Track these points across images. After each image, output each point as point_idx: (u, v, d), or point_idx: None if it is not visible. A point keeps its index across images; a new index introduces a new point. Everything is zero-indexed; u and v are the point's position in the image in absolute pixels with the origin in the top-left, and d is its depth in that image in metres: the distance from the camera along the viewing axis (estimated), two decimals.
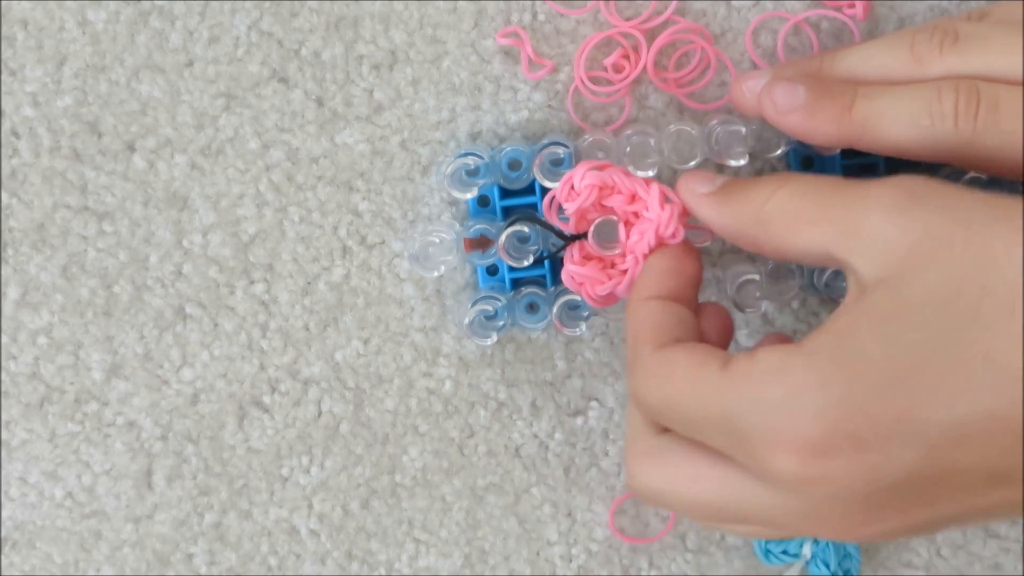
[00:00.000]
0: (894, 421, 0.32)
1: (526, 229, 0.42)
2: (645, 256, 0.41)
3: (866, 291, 0.34)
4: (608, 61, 0.45)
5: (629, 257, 0.41)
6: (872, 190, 0.35)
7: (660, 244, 0.41)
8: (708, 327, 0.40)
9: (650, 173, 0.43)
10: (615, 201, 0.41)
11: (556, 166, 0.43)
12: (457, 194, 0.44)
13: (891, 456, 0.33)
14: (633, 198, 0.40)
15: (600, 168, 0.41)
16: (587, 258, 0.42)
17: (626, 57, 0.45)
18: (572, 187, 0.41)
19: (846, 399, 0.33)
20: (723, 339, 0.40)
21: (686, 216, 0.41)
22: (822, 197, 0.36)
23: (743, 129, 0.43)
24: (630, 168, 0.43)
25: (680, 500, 0.38)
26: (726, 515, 0.37)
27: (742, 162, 0.43)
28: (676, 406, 0.36)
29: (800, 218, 0.36)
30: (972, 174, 0.43)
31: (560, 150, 0.43)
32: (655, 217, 0.40)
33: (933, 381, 0.32)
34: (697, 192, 0.40)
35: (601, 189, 0.41)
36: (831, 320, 0.35)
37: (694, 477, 0.37)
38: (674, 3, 0.45)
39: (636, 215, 0.41)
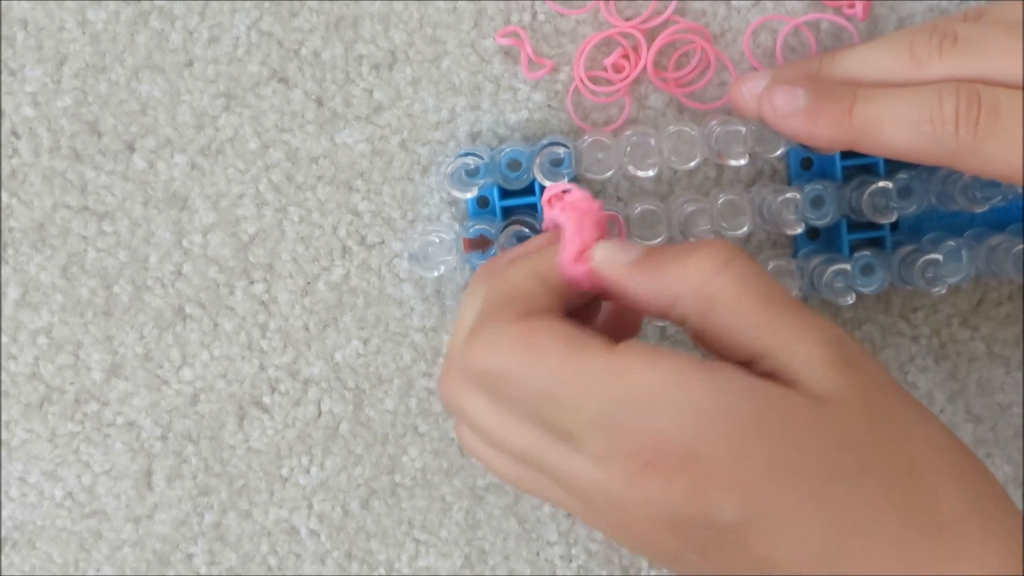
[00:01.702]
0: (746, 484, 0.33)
1: (525, 229, 0.42)
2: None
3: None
4: (608, 61, 0.45)
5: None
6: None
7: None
8: (618, 322, 0.40)
9: (650, 173, 0.43)
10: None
11: (556, 166, 0.43)
12: (457, 194, 0.44)
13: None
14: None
15: (562, 197, 0.39)
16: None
17: (626, 57, 0.45)
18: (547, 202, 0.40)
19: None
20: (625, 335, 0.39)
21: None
22: None
23: (743, 129, 0.43)
24: (630, 168, 0.43)
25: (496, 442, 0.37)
26: (538, 471, 0.36)
27: (742, 162, 0.43)
28: (527, 381, 0.35)
29: None
30: (970, 177, 0.43)
31: (560, 150, 0.43)
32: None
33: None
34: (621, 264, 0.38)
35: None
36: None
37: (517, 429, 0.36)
38: (674, 3, 0.45)
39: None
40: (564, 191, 0.38)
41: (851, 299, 0.44)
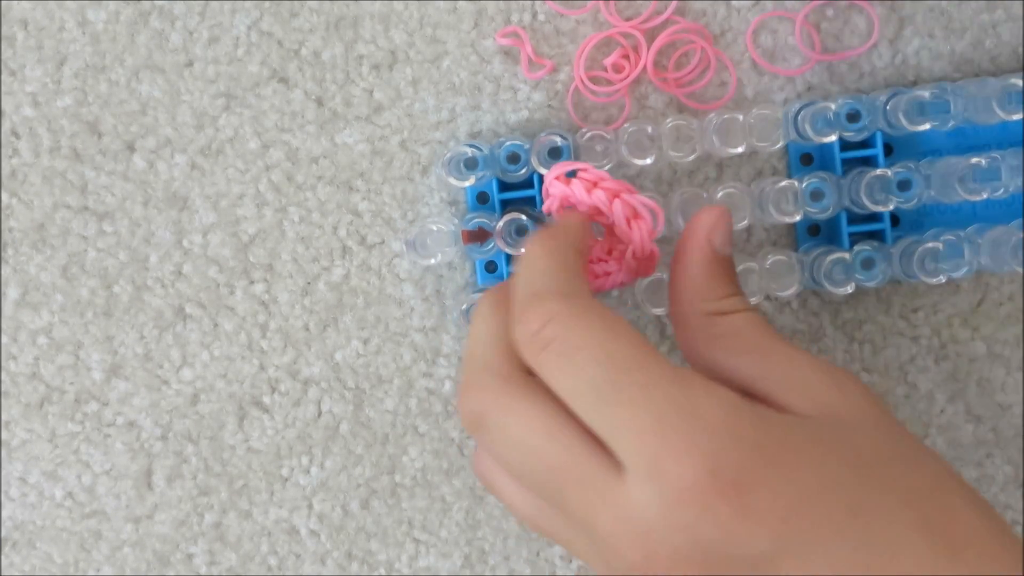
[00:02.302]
0: None
1: (523, 217, 0.42)
2: (630, 266, 0.40)
3: None
4: (608, 61, 0.45)
5: (611, 262, 0.41)
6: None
7: (640, 259, 0.40)
8: None
9: (648, 161, 0.43)
10: (582, 210, 0.40)
11: (554, 157, 0.43)
12: (454, 182, 0.43)
13: None
14: (599, 211, 0.39)
15: (578, 172, 0.39)
16: None
17: (626, 57, 0.45)
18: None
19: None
20: None
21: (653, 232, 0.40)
22: None
23: (740, 117, 0.43)
24: (627, 156, 0.43)
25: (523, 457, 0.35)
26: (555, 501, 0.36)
27: (740, 149, 0.43)
28: (591, 367, 0.34)
29: None
30: (968, 167, 0.43)
31: (558, 139, 0.43)
32: (625, 239, 0.39)
33: None
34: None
35: (567, 198, 0.40)
36: None
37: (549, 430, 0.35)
38: (674, 3, 0.45)
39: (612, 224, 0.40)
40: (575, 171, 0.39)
41: (851, 288, 0.44)
